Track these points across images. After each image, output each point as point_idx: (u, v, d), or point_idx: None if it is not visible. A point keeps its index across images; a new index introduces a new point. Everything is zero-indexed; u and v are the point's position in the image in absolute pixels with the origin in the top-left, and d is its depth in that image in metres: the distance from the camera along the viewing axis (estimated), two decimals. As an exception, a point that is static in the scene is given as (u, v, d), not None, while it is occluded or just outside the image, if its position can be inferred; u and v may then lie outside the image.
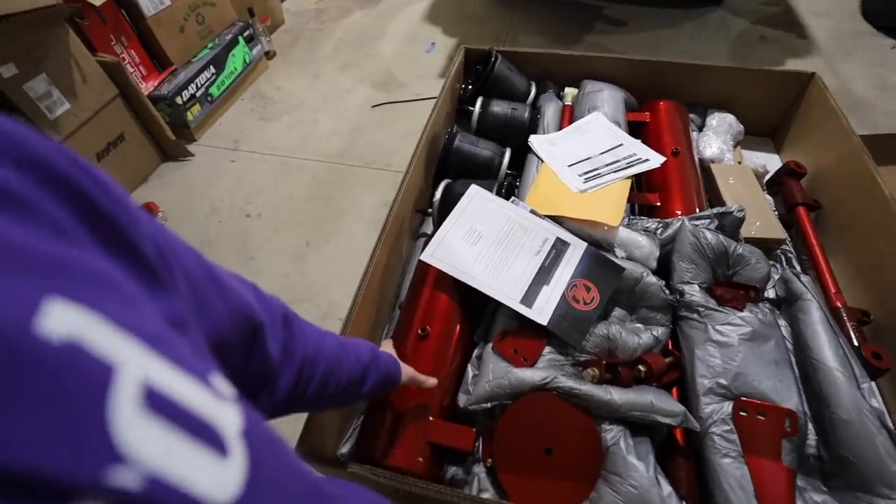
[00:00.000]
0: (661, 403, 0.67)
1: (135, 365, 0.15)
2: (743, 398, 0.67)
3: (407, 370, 0.63)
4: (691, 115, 1.19)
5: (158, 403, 0.15)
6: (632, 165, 0.94)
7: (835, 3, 2.91)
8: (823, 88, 1.07)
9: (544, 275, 0.78)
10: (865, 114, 2.13)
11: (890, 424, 0.62)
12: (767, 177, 1.08)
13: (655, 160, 0.95)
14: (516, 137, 1.14)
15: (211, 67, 1.96)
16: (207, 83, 1.96)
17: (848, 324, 0.78)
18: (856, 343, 0.75)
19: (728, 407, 0.67)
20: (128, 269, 0.19)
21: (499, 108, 1.18)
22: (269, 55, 2.42)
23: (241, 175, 1.88)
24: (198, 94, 1.92)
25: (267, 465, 0.20)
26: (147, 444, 0.14)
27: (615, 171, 0.93)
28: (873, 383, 0.69)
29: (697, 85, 1.22)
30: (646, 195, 0.97)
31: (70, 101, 1.42)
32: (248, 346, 0.34)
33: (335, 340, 0.50)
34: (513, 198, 0.89)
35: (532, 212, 0.85)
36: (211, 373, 0.20)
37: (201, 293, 0.27)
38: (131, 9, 1.69)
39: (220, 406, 0.19)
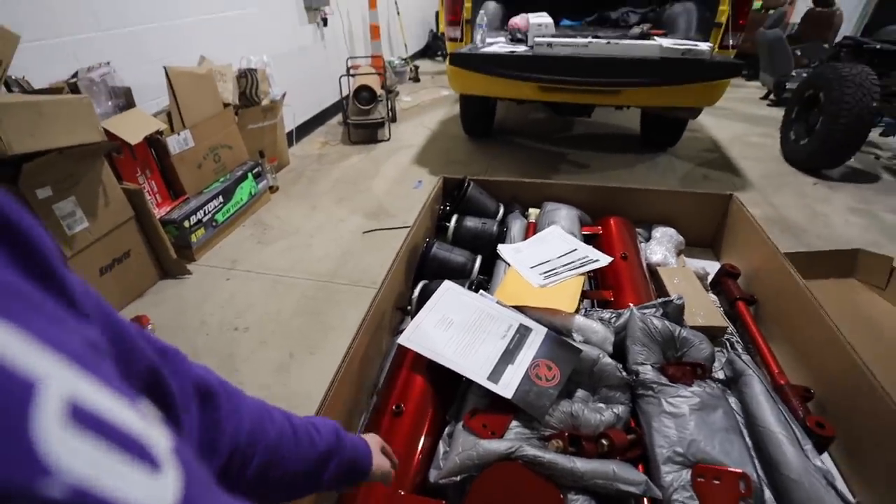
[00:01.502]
0: (623, 473, 0.69)
1: (58, 380, 0.15)
2: (699, 464, 0.70)
3: (379, 463, 0.59)
4: (638, 230, 1.38)
5: (84, 418, 0.16)
6: (584, 265, 1.08)
7: (761, 151, 3.43)
8: (741, 206, 1.27)
9: (509, 356, 0.85)
10: (802, 236, 2.40)
11: (837, 484, 0.66)
12: (710, 278, 1.22)
13: (604, 260, 1.09)
14: (486, 248, 1.30)
15: (220, 197, 2.20)
16: (214, 210, 2.18)
17: (792, 399, 0.84)
18: (801, 415, 0.80)
19: (687, 474, 0.70)
20: (49, 292, 0.19)
21: (471, 223, 1.36)
22: (272, 189, 2.72)
23: (234, 292, 1.99)
24: (204, 220, 2.12)
25: (201, 484, 0.20)
26: (73, 457, 0.14)
27: (570, 270, 1.07)
28: (822, 456, 0.74)
29: (642, 206, 1.43)
30: (601, 292, 1.09)
31: (89, 220, 1.59)
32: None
33: (283, 426, 0.45)
34: (481, 290, 1.00)
35: (498, 302, 0.96)
36: (136, 395, 0.20)
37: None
38: (160, 148, 1.98)
39: (149, 425, 0.19)
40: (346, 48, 4.29)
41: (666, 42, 2.20)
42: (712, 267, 1.26)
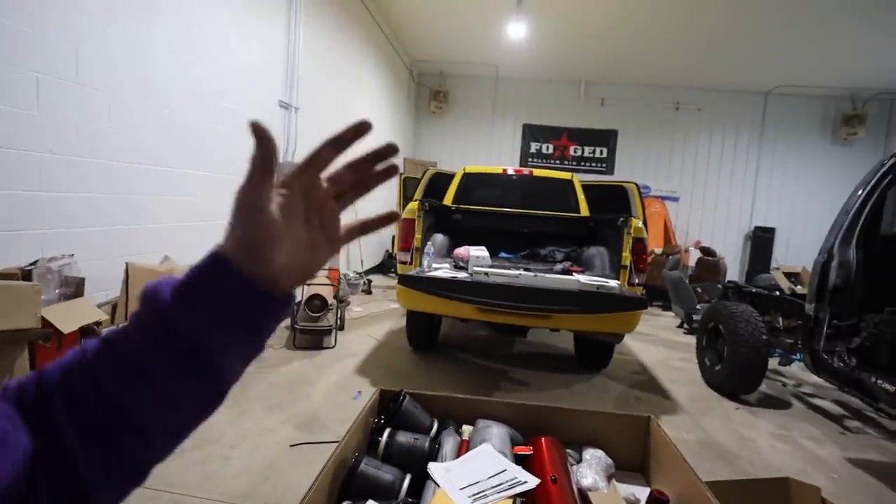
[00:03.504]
0: None
1: None
2: None
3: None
4: (569, 451, 1.39)
5: None
6: (513, 486, 1.06)
7: (684, 374, 3.70)
8: (658, 427, 1.35)
9: None
10: (736, 462, 2.43)
11: None
12: (641, 507, 1.20)
13: (532, 482, 1.08)
14: (417, 465, 1.25)
15: (139, 399, 2.05)
16: (129, 414, 2.00)
17: None
18: None
19: None
20: None
21: (403, 438, 1.33)
22: (201, 392, 2.57)
23: (122, 515, 1.68)
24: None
25: None
26: None
27: (499, 492, 1.04)
28: None
29: (572, 426, 1.47)
30: (532, 520, 1.04)
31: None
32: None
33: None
34: (404, 516, 0.93)
35: (421, 530, 0.89)
36: None
37: None
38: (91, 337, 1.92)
39: None
40: (306, 260, 4.67)
41: (583, 278, 2.60)
42: (642, 492, 1.25)
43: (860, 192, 2.49)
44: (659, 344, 4.62)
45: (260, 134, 0.35)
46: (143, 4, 2.56)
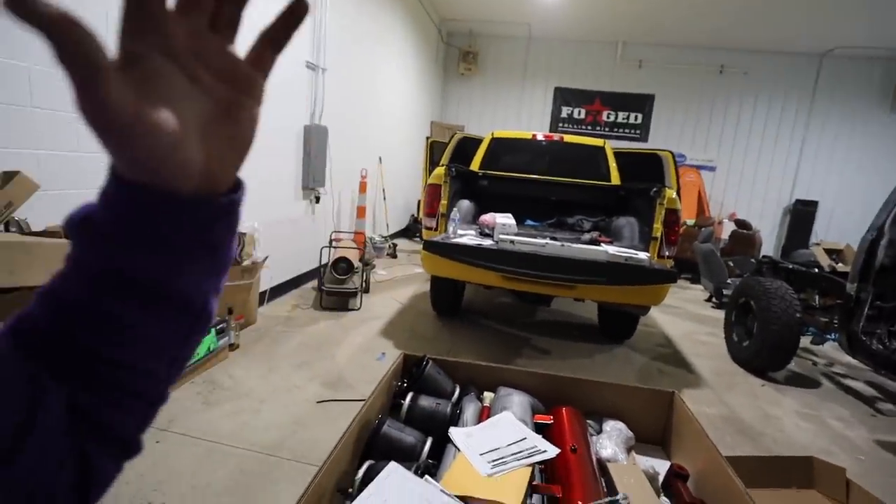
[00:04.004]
0: None
1: None
2: None
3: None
4: (589, 421, 1.39)
5: None
6: (533, 455, 1.07)
7: (709, 349, 3.64)
8: (682, 403, 1.33)
9: (448, 556, 0.79)
10: (759, 439, 2.41)
11: None
12: (660, 479, 1.21)
13: (552, 451, 1.09)
14: (439, 429, 1.28)
15: (175, 353, 2.16)
16: (166, 366, 2.11)
17: None
18: None
19: None
20: None
21: (426, 402, 1.36)
22: (232, 347, 2.68)
23: (159, 458, 1.80)
24: (152, 375, 2.03)
25: None
26: None
27: (518, 460, 1.05)
28: None
29: (593, 397, 1.47)
30: (550, 487, 1.06)
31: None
32: None
33: None
34: (426, 476, 0.96)
35: (442, 491, 0.92)
36: None
37: None
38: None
39: None
40: (332, 223, 4.72)
41: (611, 249, 2.54)
42: (662, 466, 1.26)
43: (919, 166, 2.31)
44: (685, 317, 4.54)
45: (43, 14, 0.21)
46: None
